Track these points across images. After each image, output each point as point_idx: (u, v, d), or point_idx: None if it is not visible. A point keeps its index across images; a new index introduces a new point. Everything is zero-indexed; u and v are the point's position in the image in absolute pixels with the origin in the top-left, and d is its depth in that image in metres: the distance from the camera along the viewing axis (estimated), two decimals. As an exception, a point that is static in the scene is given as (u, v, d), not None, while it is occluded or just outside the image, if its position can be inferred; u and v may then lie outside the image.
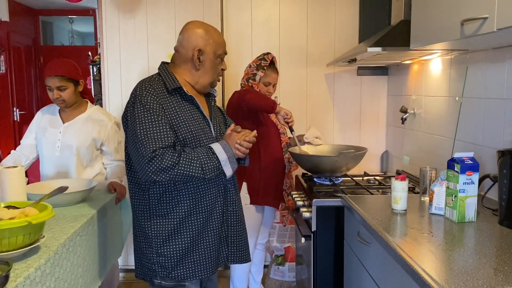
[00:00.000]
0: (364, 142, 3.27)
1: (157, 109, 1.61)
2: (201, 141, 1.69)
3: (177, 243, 1.68)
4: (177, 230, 1.68)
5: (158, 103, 1.63)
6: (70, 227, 1.68)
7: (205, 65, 1.76)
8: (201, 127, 1.71)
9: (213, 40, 1.75)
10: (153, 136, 1.57)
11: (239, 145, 1.69)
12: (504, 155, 1.54)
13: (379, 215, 1.72)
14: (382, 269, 1.55)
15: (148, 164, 1.56)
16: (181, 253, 1.68)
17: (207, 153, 1.64)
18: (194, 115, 1.71)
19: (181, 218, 1.68)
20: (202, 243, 1.71)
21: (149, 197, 1.69)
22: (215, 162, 1.64)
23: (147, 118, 1.60)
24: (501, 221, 1.56)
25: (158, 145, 1.56)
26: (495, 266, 1.20)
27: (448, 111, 2.27)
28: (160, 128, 1.59)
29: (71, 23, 7.87)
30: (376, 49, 2.15)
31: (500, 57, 1.82)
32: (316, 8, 3.23)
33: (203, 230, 1.71)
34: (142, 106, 1.61)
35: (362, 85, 3.30)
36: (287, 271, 3.08)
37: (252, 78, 2.61)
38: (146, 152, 1.56)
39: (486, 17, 1.35)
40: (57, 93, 2.33)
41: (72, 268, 1.61)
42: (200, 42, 1.74)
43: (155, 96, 1.63)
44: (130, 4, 3.17)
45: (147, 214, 1.70)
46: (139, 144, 1.58)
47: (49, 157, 2.41)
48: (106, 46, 3.20)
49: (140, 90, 1.65)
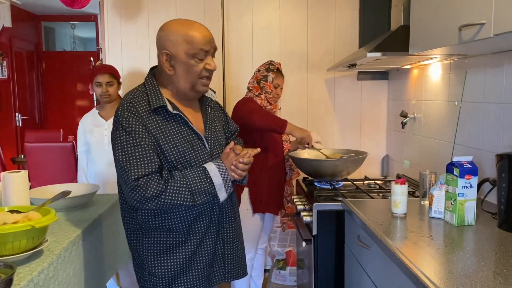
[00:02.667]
0: (365, 146, 3.28)
1: (139, 131, 1.47)
2: (191, 160, 1.55)
3: (169, 263, 1.58)
4: (170, 250, 1.58)
5: (141, 124, 1.48)
6: (73, 231, 1.69)
7: (177, 69, 1.55)
8: (191, 145, 1.56)
9: (183, 38, 1.51)
10: (135, 162, 1.45)
11: (234, 167, 1.57)
12: (502, 159, 1.55)
13: (379, 219, 1.73)
14: (382, 273, 1.56)
15: (132, 193, 1.45)
16: (173, 274, 1.58)
17: (199, 176, 1.51)
18: (182, 132, 1.55)
19: (176, 238, 1.58)
20: (195, 264, 1.61)
21: (137, 217, 1.59)
22: (207, 186, 1.52)
23: (129, 143, 1.46)
24: (500, 225, 1.57)
25: (141, 172, 1.44)
26: (494, 269, 1.21)
27: (447, 115, 2.29)
28: (143, 153, 1.46)
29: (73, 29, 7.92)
30: (375, 54, 2.17)
31: (498, 62, 1.84)
32: (316, 14, 3.25)
33: (198, 250, 1.61)
34: (123, 129, 1.48)
35: (362, 90, 3.31)
36: (288, 275, 3.08)
37: (264, 79, 2.63)
38: (129, 180, 1.44)
39: (484, 22, 1.37)
40: (106, 88, 2.70)
41: (75, 272, 1.62)
42: (166, 44, 1.53)
43: (137, 117, 1.48)
44: (131, 10, 3.20)
45: (139, 233, 1.61)
46: (121, 171, 1.47)
47: (99, 153, 2.71)
48: (108, 52, 3.23)
49: (122, 110, 1.50)
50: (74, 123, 7.52)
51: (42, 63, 7.49)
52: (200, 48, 1.52)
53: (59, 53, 7.78)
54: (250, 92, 2.66)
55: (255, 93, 2.63)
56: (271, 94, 2.62)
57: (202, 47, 1.53)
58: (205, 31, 1.56)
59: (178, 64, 1.54)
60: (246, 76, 2.74)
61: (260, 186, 2.59)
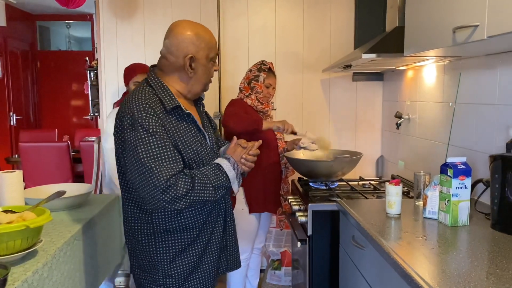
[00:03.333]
0: (360, 147, 3.29)
1: (161, 131, 1.48)
2: (203, 158, 1.61)
3: (184, 262, 1.61)
4: (186, 248, 1.61)
5: (160, 125, 1.49)
6: (68, 232, 1.69)
7: (197, 72, 1.62)
8: (200, 143, 1.62)
9: (204, 43, 1.60)
10: (163, 163, 1.45)
11: (245, 160, 1.65)
12: (496, 160, 1.56)
13: (373, 219, 1.74)
14: (376, 273, 1.57)
15: (162, 194, 1.44)
16: (187, 271, 1.61)
17: (216, 173, 1.57)
18: (192, 132, 1.61)
19: (192, 235, 1.61)
20: (206, 258, 1.66)
21: (153, 220, 1.58)
22: (224, 180, 1.58)
23: (154, 144, 1.46)
24: (493, 225, 1.58)
25: (170, 172, 1.45)
26: (486, 269, 1.22)
27: (442, 116, 2.30)
28: (169, 153, 1.47)
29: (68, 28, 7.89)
30: (370, 55, 2.18)
31: (492, 63, 1.86)
32: (312, 15, 3.26)
33: (208, 244, 1.67)
34: (144, 130, 1.46)
35: (358, 91, 3.33)
36: (283, 276, 3.09)
37: (255, 79, 2.64)
38: (159, 182, 1.43)
39: (477, 24, 1.38)
40: None
41: (70, 273, 1.62)
42: (191, 48, 1.58)
43: (155, 117, 1.49)
44: (127, 10, 3.19)
45: (152, 237, 1.59)
46: (148, 174, 1.44)
47: None
48: (104, 51, 3.22)
49: (139, 111, 1.48)
50: (69, 123, 7.52)
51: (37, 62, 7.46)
52: (215, 52, 1.66)
53: (54, 53, 7.75)
54: (241, 92, 2.67)
55: (245, 94, 2.64)
56: (262, 94, 2.63)
57: (216, 51, 1.67)
58: (212, 35, 1.68)
59: (199, 67, 1.61)
60: (241, 76, 2.75)
61: (256, 186, 2.59)
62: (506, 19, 1.25)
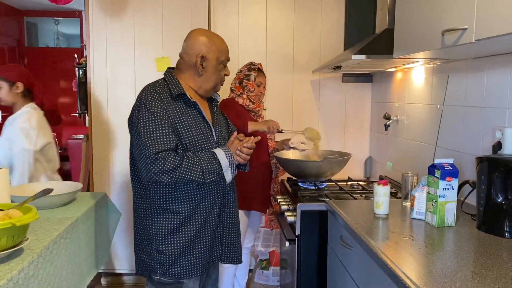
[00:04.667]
0: (348, 147, 3.31)
1: (161, 113, 1.69)
2: (202, 146, 1.77)
3: (176, 241, 1.75)
4: (177, 229, 1.75)
5: (162, 108, 1.70)
6: (55, 230, 1.67)
7: (207, 71, 1.82)
8: (202, 131, 1.78)
9: (215, 47, 1.82)
10: (156, 138, 1.65)
11: (239, 151, 1.79)
12: (482, 162, 1.58)
13: (361, 219, 1.75)
14: (364, 272, 1.58)
15: (151, 165, 1.63)
16: (179, 251, 1.75)
17: (209, 158, 1.72)
18: (196, 120, 1.78)
19: (182, 217, 1.75)
20: (199, 243, 1.78)
21: (151, 196, 1.76)
22: (216, 167, 1.73)
23: (151, 122, 1.67)
24: (479, 226, 1.61)
25: (161, 147, 1.64)
26: (472, 269, 1.24)
27: (429, 118, 2.32)
28: (163, 131, 1.67)
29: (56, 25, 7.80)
30: (360, 56, 2.20)
31: (479, 66, 1.88)
32: (302, 16, 3.27)
33: (201, 230, 1.79)
34: (147, 110, 1.69)
35: (347, 92, 3.34)
36: (271, 275, 3.09)
37: (246, 78, 2.67)
38: (150, 154, 1.63)
39: (465, 28, 1.40)
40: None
41: (56, 271, 1.60)
42: (203, 49, 1.81)
43: (159, 101, 1.71)
44: (117, 7, 3.17)
45: (148, 212, 1.77)
46: (142, 146, 1.66)
47: None
48: (93, 49, 3.19)
49: (146, 95, 1.73)
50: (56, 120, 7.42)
51: (24, 59, 7.36)
52: (226, 57, 1.86)
53: (42, 49, 7.65)
54: (233, 92, 2.68)
55: (237, 93, 2.65)
56: (254, 93, 2.64)
57: (227, 57, 1.87)
58: (225, 43, 1.89)
59: (209, 66, 1.82)
60: (232, 76, 2.75)
61: (246, 185, 2.59)
62: (494, 23, 1.27)
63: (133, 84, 3.20)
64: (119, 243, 3.26)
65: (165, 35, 3.18)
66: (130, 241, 3.30)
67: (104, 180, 3.25)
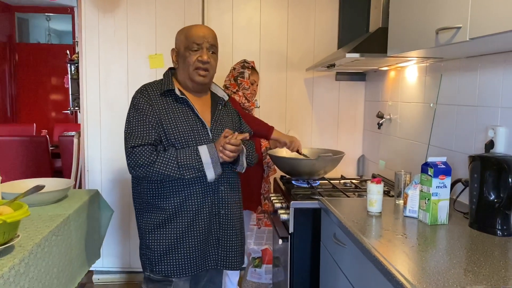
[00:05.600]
0: (342, 146, 3.32)
1: (145, 109, 1.71)
2: (190, 142, 1.72)
3: (162, 238, 1.74)
4: (163, 225, 1.74)
5: (148, 104, 1.72)
6: (46, 227, 1.66)
7: (179, 63, 1.81)
8: (192, 128, 1.74)
9: (184, 35, 1.79)
10: (135, 133, 1.68)
11: (222, 147, 1.70)
12: (475, 160, 1.59)
13: (354, 217, 1.75)
14: (357, 270, 1.58)
15: (127, 159, 1.68)
16: (165, 248, 1.73)
17: (190, 154, 1.68)
18: (187, 116, 1.75)
19: (168, 213, 1.74)
20: (187, 242, 1.75)
21: (141, 191, 1.78)
22: (195, 163, 1.67)
23: (135, 118, 1.71)
24: (471, 224, 1.62)
25: (137, 142, 1.66)
26: (465, 266, 1.25)
27: (422, 117, 2.33)
28: (143, 126, 1.68)
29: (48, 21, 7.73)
30: (354, 55, 2.20)
31: (472, 65, 1.89)
32: (296, 14, 3.27)
33: (189, 228, 1.75)
34: (133, 106, 1.74)
35: (340, 90, 3.35)
36: (264, 273, 3.09)
37: (241, 76, 2.65)
38: (127, 147, 1.68)
39: (460, 26, 1.40)
40: None
41: (47, 268, 1.59)
42: (175, 43, 1.83)
43: (147, 98, 1.73)
44: (110, 3, 3.14)
45: (140, 207, 1.80)
46: (124, 140, 1.71)
47: None
48: (85, 45, 3.16)
49: (136, 93, 1.77)
50: (48, 117, 7.37)
51: (15, 55, 7.29)
52: (193, 42, 1.75)
53: (33, 46, 7.58)
54: (228, 89, 2.66)
55: (232, 90, 2.64)
56: (249, 90, 2.64)
57: (195, 40, 1.75)
58: (202, 29, 1.80)
59: (179, 57, 1.80)
60: (225, 74, 2.74)
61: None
62: (488, 21, 1.28)
63: (125, 81, 3.18)
64: (112, 240, 3.24)
65: (159, 32, 3.16)
66: (122, 238, 3.28)
67: (96, 177, 3.23)
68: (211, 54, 1.79)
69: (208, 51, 1.77)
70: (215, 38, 1.82)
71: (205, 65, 1.76)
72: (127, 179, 1.89)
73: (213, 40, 1.80)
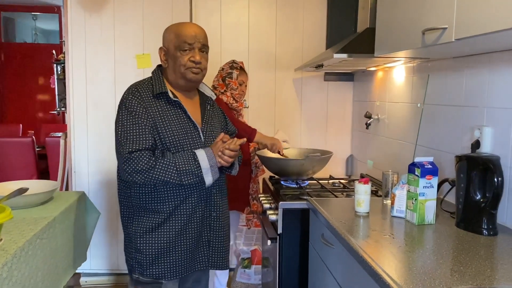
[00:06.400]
0: (330, 146, 3.32)
1: (140, 112, 1.65)
2: (185, 145, 1.70)
3: (154, 242, 1.70)
4: (156, 229, 1.71)
5: (142, 107, 1.67)
6: (30, 230, 1.63)
7: (169, 62, 1.76)
8: (186, 131, 1.71)
9: (173, 34, 1.73)
10: (132, 138, 1.62)
11: (221, 153, 1.68)
12: (461, 160, 1.60)
13: (342, 218, 1.75)
14: (345, 271, 1.58)
15: (125, 164, 1.60)
16: (157, 252, 1.71)
17: (188, 159, 1.65)
18: (180, 119, 1.72)
19: (162, 217, 1.70)
20: (179, 245, 1.73)
21: (132, 194, 1.73)
22: (194, 168, 1.64)
23: (129, 121, 1.64)
24: (457, 223, 1.62)
25: (135, 147, 1.60)
26: (451, 266, 1.25)
27: (410, 117, 2.34)
28: (140, 131, 1.63)
29: (34, 20, 7.63)
30: (342, 55, 2.20)
31: (459, 66, 1.90)
32: (284, 14, 3.26)
33: (182, 232, 1.73)
34: (126, 109, 1.67)
35: (329, 91, 3.35)
36: (253, 274, 3.08)
37: (229, 76, 2.64)
38: (124, 152, 1.60)
39: (446, 27, 1.41)
40: None
41: (31, 272, 1.56)
42: (163, 42, 1.78)
43: (140, 100, 1.67)
44: (96, 3, 3.11)
45: (130, 211, 1.75)
46: (118, 145, 1.64)
47: None
48: (71, 45, 3.13)
49: (127, 94, 1.71)
50: (34, 118, 7.28)
51: (1, 54, 7.18)
52: (184, 41, 1.70)
53: (20, 45, 7.48)
54: (216, 89, 2.65)
55: (220, 91, 2.63)
56: (237, 91, 2.63)
57: (186, 40, 1.71)
58: (193, 28, 1.75)
59: (169, 57, 1.75)
60: (214, 74, 2.72)
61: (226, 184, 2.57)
62: (474, 22, 1.28)
63: (112, 81, 3.15)
64: (99, 242, 3.21)
65: (146, 32, 3.14)
66: (110, 240, 3.25)
67: (83, 178, 3.20)
68: (203, 54, 1.76)
69: (200, 52, 1.74)
70: (206, 37, 1.78)
71: (197, 65, 1.73)
72: (114, 180, 1.87)
73: (205, 39, 1.77)
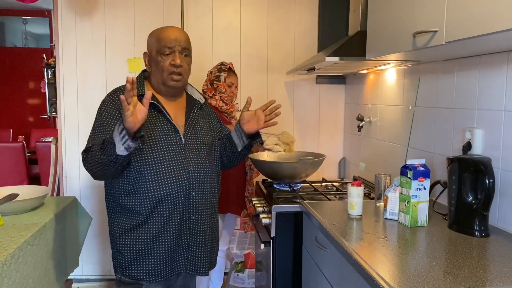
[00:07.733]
0: (323, 149, 3.33)
1: (111, 114, 1.68)
2: (164, 148, 1.70)
3: (132, 242, 1.71)
4: (134, 229, 1.71)
5: (115, 108, 1.69)
6: (21, 236, 1.61)
7: (152, 67, 1.76)
8: (165, 134, 1.71)
9: (155, 38, 1.73)
10: (93, 137, 1.67)
11: None
12: (453, 162, 1.61)
13: (335, 221, 1.75)
14: (338, 274, 1.58)
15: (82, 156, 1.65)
16: (135, 253, 1.72)
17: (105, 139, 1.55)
18: (159, 122, 1.72)
19: (140, 218, 1.70)
20: (157, 247, 1.72)
21: (114, 194, 1.74)
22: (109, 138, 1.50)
23: (98, 122, 1.69)
24: (450, 225, 1.63)
25: (88, 145, 1.64)
26: (444, 268, 1.25)
27: (401, 119, 2.36)
28: (101, 133, 1.65)
29: (24, 24, 7.58)
30: (333, 58, 2.20)
31: (449, 68, 1.92)
32: (276, 17, 3.27)
33: (161, 233, 1.72)
34: (99, 112, 1.71)
35: (321, 93, 3.36)
36: (247, 278, 3.07)
37: (217, 79, 2.64)
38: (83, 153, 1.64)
39: (436, 30, 1.42)
40: None
41: (22, 279, 1.54)
42: (147, 47, 1.78)
43: (114, 102, 1.70)
44: (87, 6, 3.09)
45: (113, 210, 1.77)
46: None
47: None
48: (62, 49, 3.11)
49: (105, 97, 1.75)
50: (24, 123, 7.22)
51: (-10, 59, 7.12)
52: (164, 45, 1.70)
53: (10, 49, 7.42)
54: (205, 94, 2.64)
55: (209, 95, 2.62)
56: (226, 93, 2.62)
57: (166, 44, 1.70)
58: (174, 31, 1.74)
59: (152, 62, 1.75)
60: (205, 77, 2.72)
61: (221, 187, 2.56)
62: (464, 25, 1.29)
63: (104, 85, 3.13)
64: (92, 247, 3.18)
65: (137, 35, 3.12)
66: (102, 245, 3.22)
67: (74, 183, 3.17)
68: (184, 57, 1.74)
69: (180, 55, 1.73)
70: (187, 40, 1.77)
71: (178, 69, 1.71)
72: (105, 185, 1.86)
73: (186, 43, 1.75)
